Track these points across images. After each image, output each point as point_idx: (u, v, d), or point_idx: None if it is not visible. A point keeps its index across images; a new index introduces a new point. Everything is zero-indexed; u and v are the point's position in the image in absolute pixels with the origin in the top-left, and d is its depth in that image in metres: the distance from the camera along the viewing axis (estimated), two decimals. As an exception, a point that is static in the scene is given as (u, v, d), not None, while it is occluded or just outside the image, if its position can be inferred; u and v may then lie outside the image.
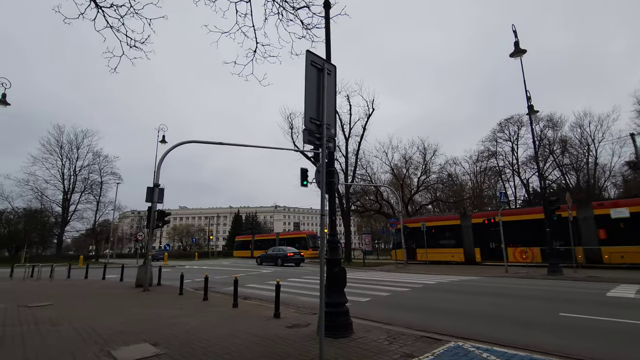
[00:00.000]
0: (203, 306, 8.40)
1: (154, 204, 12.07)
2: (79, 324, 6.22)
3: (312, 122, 4.43)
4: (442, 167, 38.73)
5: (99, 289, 12.41)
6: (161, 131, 30.63)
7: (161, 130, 30.64)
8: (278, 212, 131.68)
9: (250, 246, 46.96)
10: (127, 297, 10.23)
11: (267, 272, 19.86)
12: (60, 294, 10.90)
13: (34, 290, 12.32)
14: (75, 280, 16.13)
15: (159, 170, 12.46)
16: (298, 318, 6.83)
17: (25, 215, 46.29)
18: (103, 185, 45.65)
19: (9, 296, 10.61)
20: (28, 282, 15.32)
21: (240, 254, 47.38)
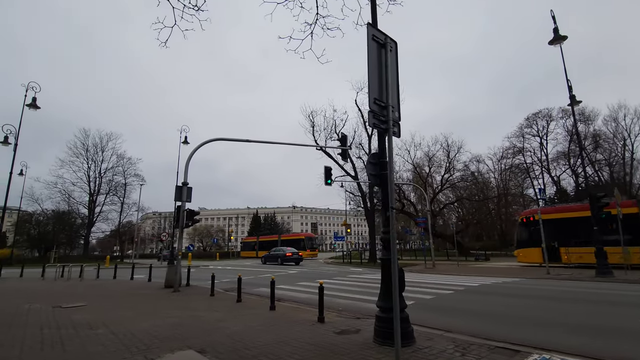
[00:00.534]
0: (239, 308, 8.01)
1: (183, 202, 11.84)
2: (117, 328, 5.91)
3: (376, 104, 3.91)
4: (466, 164, 37.40)
5: (129, 289, 12.28)
6: (183, 132, 30.84)
7: (183, 132, 30.84)
8: (296, 212, 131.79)
9: (255, 247, 49.68)
10: (159, 298, 9.98)
11: (293, 272, 19.45)
12: (92, 295, 10.79)
13: (66, 290, 12.31)
14: (105, 280, 16.18)
15: (186, 168, 12.22)
16: (344, 323, 6.32)
17: (54, 217, 47.78)
18: (127, 187, 46.59)
19: (43, 296, 10.57)
20: (59, 282, 15.45)
21: (247, 254, 49.51)
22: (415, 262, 25.91)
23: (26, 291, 12.27)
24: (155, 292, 11.23)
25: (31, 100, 20.50)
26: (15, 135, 20.30)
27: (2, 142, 20.02)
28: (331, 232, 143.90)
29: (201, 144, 12.53)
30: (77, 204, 46.27)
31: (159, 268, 24.96)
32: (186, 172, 12.22)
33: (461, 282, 12.95)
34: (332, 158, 27.64)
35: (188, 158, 12.27)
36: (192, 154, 12.30)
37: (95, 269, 19.15)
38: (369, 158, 5.59)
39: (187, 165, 12.25)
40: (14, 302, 9.37)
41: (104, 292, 11.39)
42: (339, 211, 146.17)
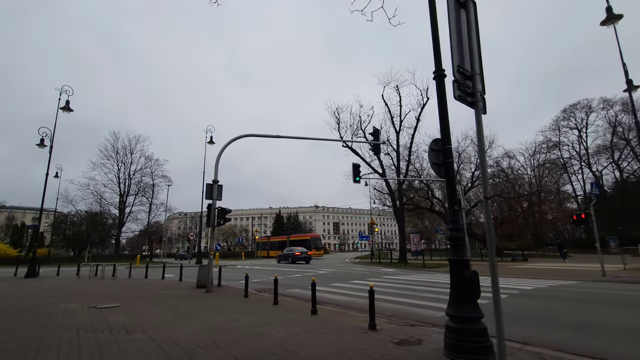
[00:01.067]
0: (277, 311, 7.49)
1: (214, 200, 11.51)
2: (155, 333, 5.51)
3: (460, 72, 3.23)
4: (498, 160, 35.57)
5: (162, 289, 12.09)
6: (209, 132, 31.05)
7: (209, 132, 31.06)
8: (318, 212, 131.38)
9: (267, 247, 52.25)
10: (193, 299, 9.65)
11: (324, 272, 18.88)
12: (125, 294, 10.64)
13: (100, 289, 12.28)
14: (137, 279, 16.21)
15: (217, 166, 11.90)
16: (399, 331, 5.65)
17: (87, 218, 49.57)
18: (154, 188, 47.66)
19: (78, 296, 10.51)
20: (94, 281, 15.59)
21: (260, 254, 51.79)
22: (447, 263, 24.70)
23: (63, 290, 12.34)
24: (188, 293, 10.94)
25: (65, 103, 21.09)
26: (51, 138, 20.89)
27: (39, 145, 20.63)
28: (354, 232, 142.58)
29: (232, 139, 12.19)
30: (108, 205, 47.83)
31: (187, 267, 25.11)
32: (216, 170, 11.90)
33: (512, 284, 11.93)
34: (358, 155, 26.93)
35: (218, 155, 11.95)
36: (222, 150, 11.97)
37: (127, 268, 19.31)
38: (431, 145, 4.90)
39: (217, 163, 11.93)
40: (52, 301, 9.30)
41: (137, 292, 11.23)
42: (362, 210, 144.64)
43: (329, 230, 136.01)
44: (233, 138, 12.26)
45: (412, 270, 20.11)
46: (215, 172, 11.90)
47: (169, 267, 25.31)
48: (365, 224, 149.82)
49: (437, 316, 7.04)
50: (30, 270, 18.55)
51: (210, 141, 30.69)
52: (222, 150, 12.00)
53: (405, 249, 25.78)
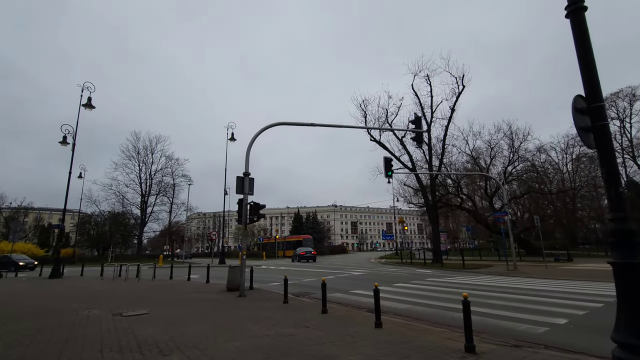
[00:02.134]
0: (331, 323, 6.26)
1: (245, 195, 10.42)
2: (194, 354, 4.39)
3: None
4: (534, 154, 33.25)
5: (190, 292, 11.10)
6: (230, 129, 30.30)
7: (230, 128, 30.30)
8: (336, 211, 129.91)
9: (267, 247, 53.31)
10: (227, 305, 8.56)
11: (358, 274, 17.56)
12: (152, 299, 9.67)
13: (125, 292, 11.41)
14: (161, 281, 15.38)
15: (247, 157, 10.80)
16: (508, 356, 4.30)
17: (110, 218, 49.98)
18: (175, 187, 47.53)
19: (102, 299, 9.62)
20: (118, 283, 14.84)
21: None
22: (486, 263, 22.95)
23: (86, 292, 11.55)
24: (219, 297, 9.89)
25: (87, 100, 20.61)
26: (73, 135, 20.45)
27: (61, 142, 20.22)
28: (372, 232, 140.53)
29: (264, 128, 11.09)
30: (130, 205, 48.02)
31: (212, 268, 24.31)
32: (247, 161, 10.80)
33: (590, 290, 10.34)
34: (387, 149, 25.48)
35: (249, 145, 10.86)
36: (253, 139, 10.87)
37: (150, 268, 18.61)
38: (574, 103, 3.53)
39: (248, 154, 10.83)
40: (74, 306, 8.41)
41: (164, 296, 10.26)
42: (380, 210, 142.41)
43: (347, 229, 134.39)
44: (265, 126, 11.16)
45: (453, 271, 18.55)
46: (246, 163, 10.81)
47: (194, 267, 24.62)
48: (384, 223, 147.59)
49: (537, 332, 5.64)
50: (55, 271, 18.08)
51: (232, 138, 29.94)
52: (254, 140, 10.91)
53: (439, 249, 24.14)
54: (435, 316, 7.01)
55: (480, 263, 22.36)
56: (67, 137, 20.19)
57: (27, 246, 44.58)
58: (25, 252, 40.91)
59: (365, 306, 8.29)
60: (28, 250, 41.51)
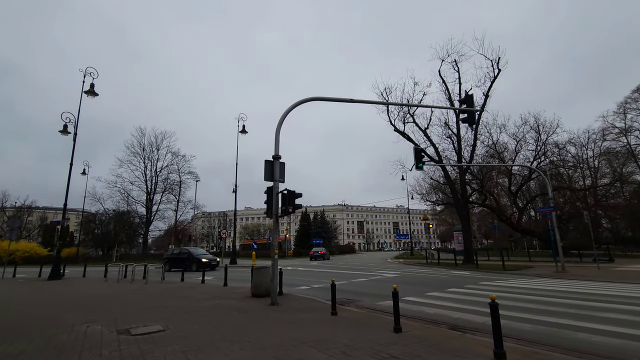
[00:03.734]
0: (423, 349, 4.45)
1: (275, 182, 8.65)
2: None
3: None
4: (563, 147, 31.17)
5: (208, 297, 9.35)
6: (241, 121, 28.59)
7: (241, 120, 28.59)
8: (342, 210, 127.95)
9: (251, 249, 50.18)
10: (260, 317, 6.78)
11: (391, 276, 15.68)
12: (166, 307, 7.92)
13: (132, 297, 9.68)
14: (172, 283, 13.66)
15: (277, 137, 9.05)
16: None
17: (115, 217, 48.51)
18: (182, 185, 45.95)
19: (105, 307, 7.88)
20: (123, 285, 13.13)
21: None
22: (522, 264, 20.99)
23: (87, 297, 9.84)
24: (247, 305, 8.11)
25: (89, 86, 18.97)
26: (75, 124, 18.83)
27: (62, 131, 18.62)
28: (379, 231, 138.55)
29: (296, 103, 9.32)
30: (135, 203, 46.44)
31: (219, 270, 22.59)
32: (277, 143, 9.04)
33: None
34: (412, 141, 23.63)
35: (279, 123, 9.09)
36: (283, 117, 9.11)
37: (158, 268, 16.98)
38: None
39: (278, 133, 9.07)
40: (71, 317, 6.69)
41: (180, 303, 8.51)
42: (387, 209, 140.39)
43: (354, 229, 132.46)
44: (298, 101, 9.39)
45: (495, 273, 16.68)
46: (275, 145, 9.05)
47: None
48: (391, 222, 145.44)
49: None
50: (54, 272, 16.44)
51: (243, 130, 28.23)
52: (284, 117, 9.14)
53: (471, 248, 22.23)
54: (556, 337, 5.19)
55: (517, 264, 20.42)
56: (67, 126, 18.58)
57: (30, 245, 43.13)
58: (28, 251, 39.57)
59: (439, 320, 6.49)
60: (31, 249, 40.10)
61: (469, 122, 11.44)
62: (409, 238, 49.16)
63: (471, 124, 11.48)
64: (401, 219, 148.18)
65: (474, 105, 11.36)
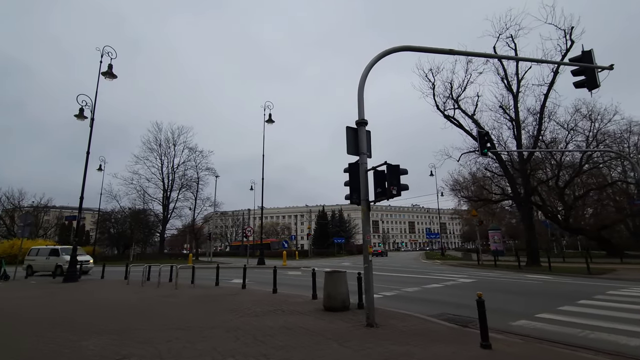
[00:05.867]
0: None
1: (362, 155, 6.32)
2: None
3: None
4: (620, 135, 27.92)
5: (267, 311, 7.07)
6: (267, 109, 26.40)
7: (267, 108, 26.40)
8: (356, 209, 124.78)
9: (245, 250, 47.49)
10: (373, 353, 4.44)
11: (468, 282, 13.14)
12: (220, 327, 5.68)
13: (167, 310, 7.48)
14: (205, 287, 11.49)
15: (361, 96, 6.72)
16: None
17: (131, 215, 47.09)
18: (199, 182, 44.18)
19: (137, 328, 5.68)
20: (148, 290, 11.02)
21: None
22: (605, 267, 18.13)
23: (110, 310, 7.69)
24: (332, 325, 5.80)
25: (107, 67, 17.02)
26: (91, 108, 16.90)
27: (77, 116, 16.72)
28: (395, 231, 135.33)
29: (384, 52, 6.99)
30: (152, 201, 44.82)
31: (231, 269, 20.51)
32: (361, 103, 6.72)
33: None
34: (462, 127, 21.10)
35: (362, 78, 6.77)
36: (368, 69, 6.78)
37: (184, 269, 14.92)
38: None
39: (362, 93, 6.74)
40: (94, 346, 4.53)
41: (237, 321, 6.27)
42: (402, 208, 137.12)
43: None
44: (387, 50, 7.05)
45: (582, 277, 14.06)
46: (359, 107, 6.74)
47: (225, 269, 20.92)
48: (406, 222, 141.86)
49: None
50: (70, 273, 14.55)
51: (269, 120, 26.05)
52: (369, 68, 6.82)
53: (536, 248, 19.52)
54: None
55: (608, 267, 17.64)
56: (84, 110, 16.67)
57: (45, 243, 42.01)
58: (44, 249, 38.39)
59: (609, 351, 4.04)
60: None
61: (589, 86, 8.91)
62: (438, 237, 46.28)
63: (591, 87, 8.98)
64: (417, 218, 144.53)
65: (594, 61, 8.81)
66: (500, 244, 36.21)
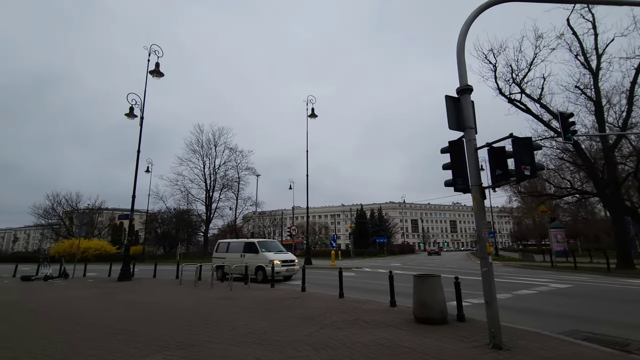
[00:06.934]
0: None
1: (468, 130, 5.02)
2: None
3: None
4: None
5: (346, 322, 5.94)
6: (310, 103, 25.49)
7: (309, 103, 25.52)
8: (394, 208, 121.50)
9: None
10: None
11: (559, 286, 11.26)
12: (302, 340, 4.63)
13: (225, 318, 6.60)
14: (262, 290, 10.64)
15: (462, 59, 5.38)
16: None
17: (176, 215, 48.53)
18: (240, 181, 44.47)
19: (205, 341, 4.76)
20: (204, 292, 10.36)
21: None
22: None
23: (170, 316, 6.98)
24: (445, 347, 4.54)
25: (154, 66, 16.91)
26: (141, 107, 16.88)
27: (128, 115, 16.73)
28: (435, 230, 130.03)
29: (485, 5, 5.58)
30: (195, 201, 45.81)
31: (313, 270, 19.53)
32: (462, 66, 5.39)
33: None
34: (530, 113, 18.80)
35: (460, 35, 5.43)
36: (468, 25, 5.44)
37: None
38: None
39: (462, 53, 5.42)
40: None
41: (313, 335, 5.22)
42: (443, 206, 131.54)
43: (407, 227, 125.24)
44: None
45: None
46: (459, 71, 5.42)
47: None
48: (447, 220, 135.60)
49: None
50: (124, 272, 14.46)
51: (312, 114, 25.15)
52: (469, 24, 5.47)
53: (629, 248, 16.82)
54: None
55: None
56: (134, 109, 16.67)
57: (100, 243, 44.44)
58: (99, 248, 40.49)
59: None
60: (102, 247, 41.06)
61: None
62: (492, 236, 43.02)
63: None
64: (459, 217, 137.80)
65: None
66: (564, 244, 32.71)
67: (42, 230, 78.03)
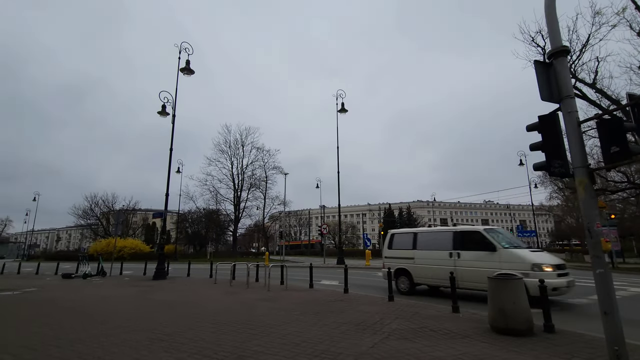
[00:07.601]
0: None
1: (566, 100, 4.08)
2: None
3: None
4: None
5: (409, 331, 5.15)
6: (339, 97, 24.75)
7: (339, 97, 24.76)
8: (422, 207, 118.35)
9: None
10: None
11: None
12: (370, 354, 3.87)
13: (271, 323, 5.97)
14: (299, 290, 10.04)
15: (553, 13, 4.42)
16: None
17: (205, 215, 49.30)
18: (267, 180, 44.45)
19: (259, 351, 4.14)
20: (242, 292, 9.88)
21: None
22: None
23: (208, 319, 6.46)
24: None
25: (185, 63, 16.79)
26: (173, 105, 16.80)
27: (160, 113, 16.68)
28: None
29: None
30: (224, 200, 46.29)
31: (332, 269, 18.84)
32: (554, 24, 4.46)
33: None
34: (586, 98, 17.14)
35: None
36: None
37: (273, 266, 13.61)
38: None
39: (553, 4, 4.43)
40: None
41: (378, 346, 4.52)
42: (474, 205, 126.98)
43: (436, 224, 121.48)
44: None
45: None
46: (549, 28, 4.48)
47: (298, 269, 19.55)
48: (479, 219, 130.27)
49: None
50: (159, 270, 14.34)
51: (342, 109, 24.37)
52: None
53: None
54: None
55: None
56: (166, 107, 16.61)
57: (135, 242, 45.83)
58: (134, 247, 41.72)
59: None
60: (136, 246, 42.29)
61: None
62: (534, 235, 40.61)
63: None
64: (491, 216, 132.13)
65: None
66: (617, 243, 30.12)
67: (81, 230, 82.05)
